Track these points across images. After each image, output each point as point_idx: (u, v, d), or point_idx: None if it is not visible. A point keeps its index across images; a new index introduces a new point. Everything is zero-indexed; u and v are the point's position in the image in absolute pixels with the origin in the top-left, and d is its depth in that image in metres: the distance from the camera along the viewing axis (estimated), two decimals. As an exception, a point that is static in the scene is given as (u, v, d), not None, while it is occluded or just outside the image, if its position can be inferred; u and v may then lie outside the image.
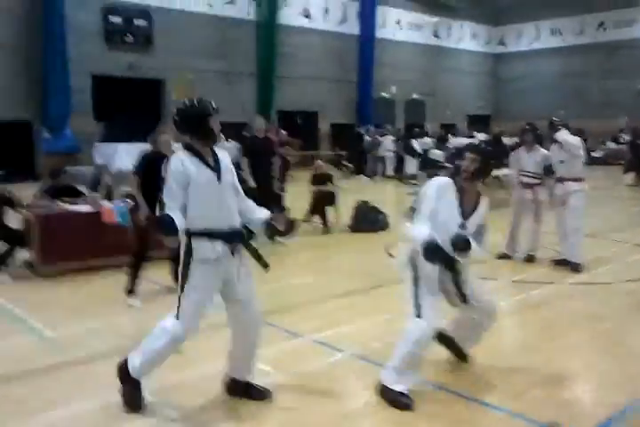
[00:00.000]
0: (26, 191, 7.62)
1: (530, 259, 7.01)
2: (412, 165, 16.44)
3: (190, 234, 3.21)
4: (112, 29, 17.99)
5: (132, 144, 16.23)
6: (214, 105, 3.37)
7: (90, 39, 17.39)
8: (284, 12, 21.60)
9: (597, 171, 20.80)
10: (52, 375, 3.90)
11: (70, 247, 6.24)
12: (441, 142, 21.14)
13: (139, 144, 16.43)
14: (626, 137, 21.31)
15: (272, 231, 3.63)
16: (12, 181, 12.10)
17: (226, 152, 3.49)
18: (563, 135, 6.52)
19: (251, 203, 3.50)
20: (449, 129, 23.55)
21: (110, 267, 6.21)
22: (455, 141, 18.95)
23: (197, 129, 3.30)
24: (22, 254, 6.54)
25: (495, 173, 12.90)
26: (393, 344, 3.59)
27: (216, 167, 3.30)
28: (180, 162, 3.23)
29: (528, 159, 7.00)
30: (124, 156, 15.77)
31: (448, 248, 3.45)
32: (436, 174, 4.74)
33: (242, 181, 4.30)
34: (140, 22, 18.69)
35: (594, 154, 22.67)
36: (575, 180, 6.57)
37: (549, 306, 5.36)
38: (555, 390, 3.65)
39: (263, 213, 3.48)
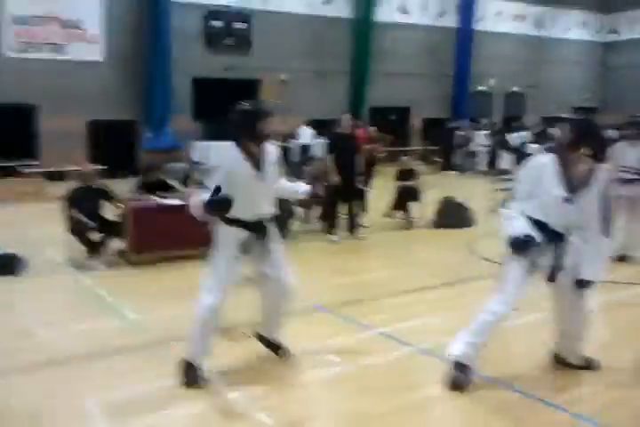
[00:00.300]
0: (127, 185, 8.17)
1: (622, 258, 6.61)
2: (506, 161, 15.87)
3: (222, 220, 3.56)
4: (213, 33, 18.77)
5: (224, 142, 16.94)
6: (268, 109, 3.68)
7: (192, 43, 18.25)
8: (380, 9, 21.52)
9: None
10: (129, 354, 4.19)
11: (160, 238, 6.64)
12: (540, 136, 20.27)
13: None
14: None
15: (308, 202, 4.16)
16: (116, 177, 13.13)
17: (274, 148, 3.81)
18: None
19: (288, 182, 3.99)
20: (550, 122, 22.55)
21: (193, 257, 6.53)
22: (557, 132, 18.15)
23: (247, 129, 3.60)
24: (116, 244, 7.02)
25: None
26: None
27: (258, 164, 3.60)
28: (225, 152, 3.63)
29: (630, 154, 6.62)
30: (217, 152, 16.45)
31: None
32: None
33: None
34: (239, 25, 19.39)
35: None
36: None
37: (637, 307, 5.04)
38: (631, 393, 3.44)
39: (303, 187, 3.99)
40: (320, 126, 16.85)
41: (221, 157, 3.65)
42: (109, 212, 7.03)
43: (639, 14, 27.49)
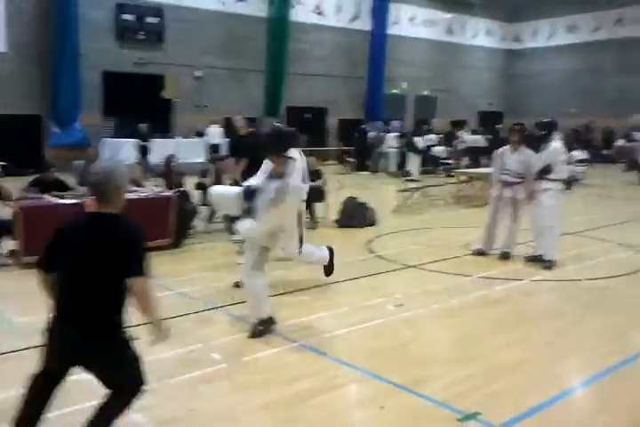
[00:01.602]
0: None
1: (504, 256, 7.08)
2: (413, 162, 16.46)
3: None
4: (124, 26, 18.28)
5: (137, 140, 16.58)
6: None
7: (102, 36, 17.72)
8: (296, 10, 21.70)
9: (603, 169, 20.68)
10: (16, 358, 4.10)
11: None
12: (449, 139, 21.12)
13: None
14: (637, 135, 21.08)
15: None
16: (20, 174, 12.56)
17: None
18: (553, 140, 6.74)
19: None
20: (458, 126, 23.56)
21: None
22: (468, 138, 19.02)
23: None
24: (9, 244, 6.78)
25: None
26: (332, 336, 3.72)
27: None
28: None
29: (511, 158, 7.06)
30: (130, 151, 16.10)
31: None
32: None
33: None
34: (151, 19, 18.99)
35: (604, 152, 22.46)
36: (552, 179, 6.65)
37: (508, 302, 5.45)
38: (484, 382, 3.76)
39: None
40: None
41: None
42: (4, 210, 6.79)
43: (541, 24, 29.19)
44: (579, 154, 15.26)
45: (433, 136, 18.58)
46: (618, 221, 9.96)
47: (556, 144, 6.90)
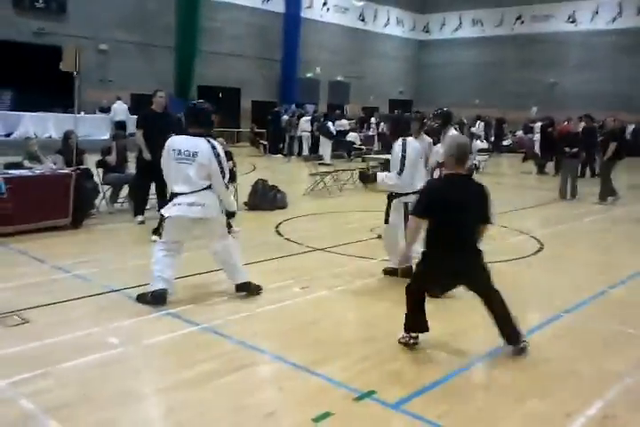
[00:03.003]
0: None
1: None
2: (325, 147, 16.59)
3: None
4: (21, -7, 17.08)
5: (38, 114, 15.63)
6: None
7: (-4, 1, 16.48)
8: (208, -14, 21.12)
9: (504, 159, 21.81)
10: None
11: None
12: (362, 125, 21.47)
13: (46, 114, 15.98)
14: (536, 126, 22.31)
15: None
16: None
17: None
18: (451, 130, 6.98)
19: None
20: (371, 112, 23.99)
21: None
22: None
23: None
24: None
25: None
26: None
27: None
28: None
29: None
30: (30, 125, 15.18)
31: None
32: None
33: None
34: (52, -13, 17.85)
35: (504, 142, 23.66)
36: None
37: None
38: (382, 361, 3.88)
39: None
40: (146, 100, 16.27)
41: None
42: None
43: (448, 16, 30.15)
44: (480, 144, 15.96)
45: (345, 122, 18.79)
46: (515, 207, 10.53)
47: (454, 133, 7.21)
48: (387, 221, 5.51)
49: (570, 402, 3.42)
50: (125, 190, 8.74)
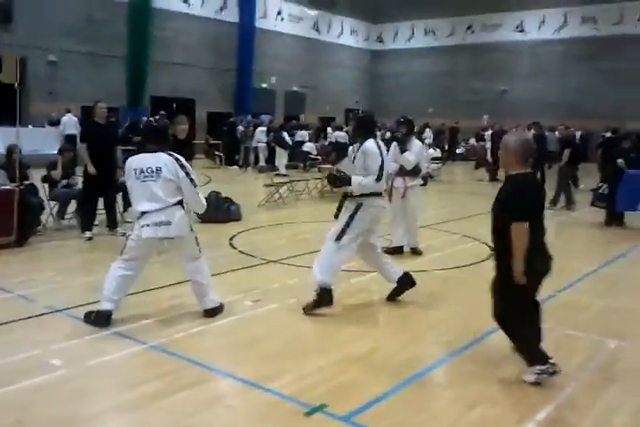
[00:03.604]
0: None
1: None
2: (281, 157, 16.56)
3: None
4: (-37, 2, 16.57)
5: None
6: None
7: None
8: (159, -5, 20.91)
9: (457, 166, 22.19)
10: None
11: None
12: (318, 135, 21.53)
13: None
14: (487, 134, 22.78)
15: None
16: None
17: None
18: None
19: None
20: (327, 123, 24.09)
21: None
22: (335, 135, 19.46)
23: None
24: None
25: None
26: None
27: None
28: None
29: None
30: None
31: None
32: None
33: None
34: (-3, -4, 17.36)
35: (457, 150, 24.09)
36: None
37: (362, 294, 5.63)
38: (332, 374, 3.83)
39: None
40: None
41: None
42: None
43: (401, 26, 30.64)
44: (433, 152, 16.20)
45: (304, 132, 18.87)
46: (466, 214, 10.69)
47: (419, 143, 7.34)
48: (336, 216, 5.18)
49: (520, 407, 3.44)
50: (73, 206, 8.49)
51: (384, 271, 5.36)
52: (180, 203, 4.61)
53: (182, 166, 4.56)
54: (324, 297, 4.93)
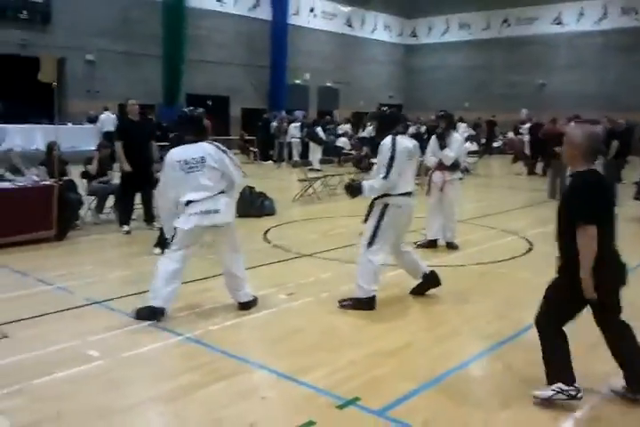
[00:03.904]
0: None
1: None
2: (315, 152, 16.55)
3: None
4: (4, 4, 16.99)
5: (24, 126, 15.53)
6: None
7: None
8: (193, -6, 21.11)
9: (494, 160, 21.82)
10: None
11: None
12: (357, 127, 21.56)
13: (32, 126, 15.88)
14: (525, 128, 22.33)
15: None
16: None
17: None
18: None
19: None
20: (361, 117, 23.98)
21: None
22: (368, 129, 19.39)
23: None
24: None
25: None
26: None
27: None
28: None
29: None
30: (16, 137, 15.04)
31: None
32: None
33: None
34: (35, -2, 17.79)
35: (495, 144, 23.69)
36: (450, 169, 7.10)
37: (396, 288, 5.56)
38: (365, 367, 3.80)
39: None
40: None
41: None
42: None
43: (435, 21, 30.26)
44: (470, 146, 15.95)
45: (347, 126, 19.16)
46: (504, 209, 10.50)
47: (459, 136, 7.27)
48: (366, 221, 5.05)
49: (556, 405, 3.35)
50: (111, 201, 8.65)
51: (410, 267, 5.29)
52: (225, 190, 4.61)
53: (225, 152, 4.61)
54: (368, 303, 4.88)
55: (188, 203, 4.50)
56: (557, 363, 3.35)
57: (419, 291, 5.33)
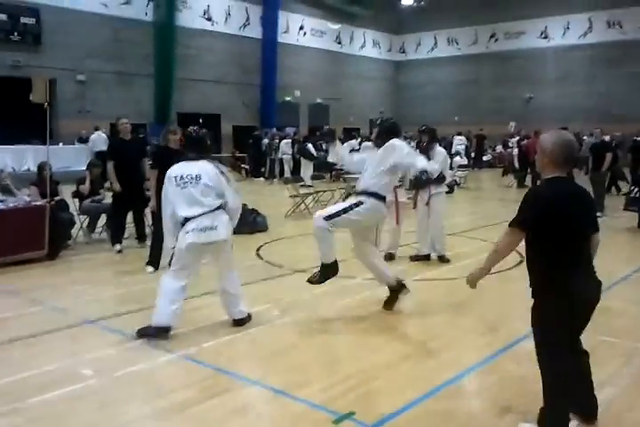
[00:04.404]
0: None
1: (389, 257, 7.27)
2: (306, 168, 16.62)
3: None
4: (-5, 26, 17.13)
5: (15, 147, 15.55)
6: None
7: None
8: (183, 14, 21.33)
9: (483, 173, 21.98)
10: None
11: None
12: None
13: (23, 146, 15.90)
14: (513, 141, 22.57)
15: None
16: None
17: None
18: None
19: None
20: (351, 133, 24.13)
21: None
22: (364, 145, 19.51)
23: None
24: None
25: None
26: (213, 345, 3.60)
27: None
28: None
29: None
30: (7, 158, 15.08)
31: None
32: None
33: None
34: (27, 20, 17.93)
35: (484, 158, 23.90)
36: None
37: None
38: (361, 382, 3.80)
39: None
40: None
41: None
42: None
43: (423, 37, 30.65)
44: (460, 159, 16.10)
45: (354, 141, 19.26)
46: (494, 221, 10.55)
47: (442, 151, 7.31)
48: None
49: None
50: (103, 220, 8.64)
51: (378, 273, 5.32)
52: (222, 207, 4.63)
53: (222, 173, 4.63)
54: (332, 267, 4.99)
55: (185, 221, 4.52)
56: (551, 408, 3.09)
57: (390, 302, 5.29)
